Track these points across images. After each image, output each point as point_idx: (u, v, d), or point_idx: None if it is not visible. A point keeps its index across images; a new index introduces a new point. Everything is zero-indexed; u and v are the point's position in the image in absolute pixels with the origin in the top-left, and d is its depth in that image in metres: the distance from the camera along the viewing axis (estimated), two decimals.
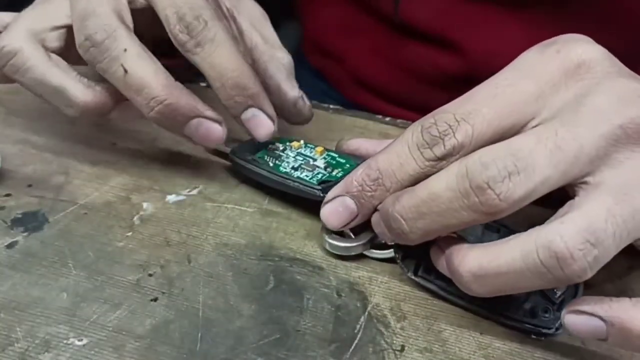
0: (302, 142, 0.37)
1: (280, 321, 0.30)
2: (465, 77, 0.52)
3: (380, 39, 0.56)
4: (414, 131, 0.29)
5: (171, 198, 0.36)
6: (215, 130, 0.34)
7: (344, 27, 0.59)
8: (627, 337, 0.26)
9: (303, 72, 0.70)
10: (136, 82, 0.33)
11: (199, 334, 0.29)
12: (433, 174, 0.28)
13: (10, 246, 0.33)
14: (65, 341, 0.28)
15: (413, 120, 0.30)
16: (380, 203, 0.30)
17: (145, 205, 0.36)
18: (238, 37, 0.38)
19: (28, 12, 0.36)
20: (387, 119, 0.43)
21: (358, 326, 0.30)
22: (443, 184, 0.27)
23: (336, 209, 0.31)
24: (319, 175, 0.35)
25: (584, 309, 0.27)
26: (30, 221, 0.34)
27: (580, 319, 0.27)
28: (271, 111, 0.35)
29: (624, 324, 0.26)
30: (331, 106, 0.44)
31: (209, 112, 0.34)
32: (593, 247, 0.25)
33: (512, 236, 0.27)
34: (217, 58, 0.33)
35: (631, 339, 0.26)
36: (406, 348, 0.29)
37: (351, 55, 0.60)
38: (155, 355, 0.28)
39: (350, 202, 0.31)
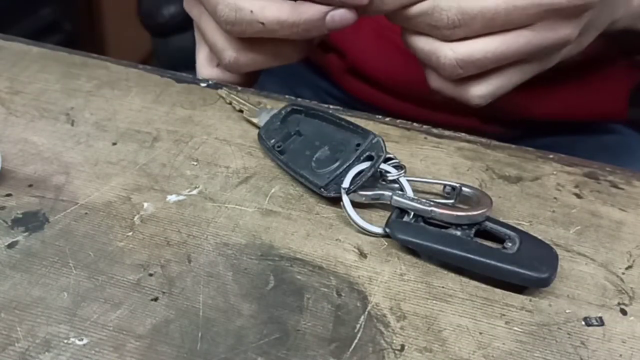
0: None
1: (280, 321, 0.30)
2: None
3: (381, 27, 0.56)
4: None
5: (171, 198, 0.36)
6: (346, 14, 0.38)
7: None
8: None
9: (304, 71, 0.70)
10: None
11: (199, 334, 0.29)
12: None
13: (10, 246, 0.33)
14: (65, 341, 0.28)
15: (414, 115, 0.30)
16: None
17: (145, 205, 0.36)
18: None
19: None
20: (387, 119, 0.43)
21: (358, 326, 0.30)
22: None
23: None
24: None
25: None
26: (31, 221, 0.34)
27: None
28: None
29: None
30: (331, 106, 0.44)
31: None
32: None
33: None
34: None
35: None
36: (406, 347, 0.29)
37: (353, 47, 0.60)
38: (156, 355, 0.28)
39: None
